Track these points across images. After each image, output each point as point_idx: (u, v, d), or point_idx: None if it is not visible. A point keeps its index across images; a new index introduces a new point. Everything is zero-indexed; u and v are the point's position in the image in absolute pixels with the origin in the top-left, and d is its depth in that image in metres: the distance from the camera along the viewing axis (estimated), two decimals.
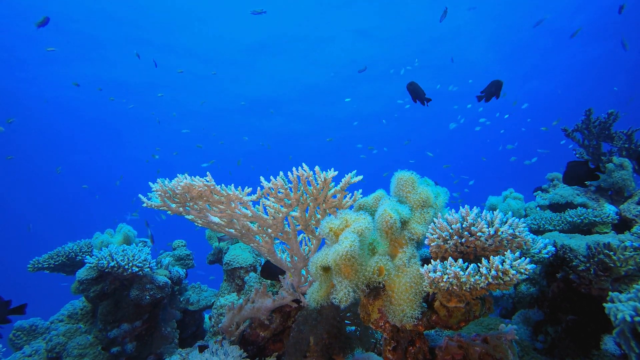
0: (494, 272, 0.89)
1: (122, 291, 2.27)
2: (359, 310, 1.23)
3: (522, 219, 1.15)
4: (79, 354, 2.14)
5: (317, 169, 1.36)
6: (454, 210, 1.08)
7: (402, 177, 1.23)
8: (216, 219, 1.50)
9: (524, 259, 0.90)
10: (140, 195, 1.44)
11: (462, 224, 1.03)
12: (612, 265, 1.34)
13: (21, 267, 2.85)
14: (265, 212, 1.52)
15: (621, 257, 1.33)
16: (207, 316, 2.95)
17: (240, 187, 1.44)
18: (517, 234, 0.99)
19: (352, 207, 1.42)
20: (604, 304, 1.07)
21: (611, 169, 2.49)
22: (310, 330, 1.60)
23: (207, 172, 1.40)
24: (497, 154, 21.60)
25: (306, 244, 1.69)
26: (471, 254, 1.05)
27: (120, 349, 2.17)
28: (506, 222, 1.01)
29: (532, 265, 0.90)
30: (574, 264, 1.48)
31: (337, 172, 1.36)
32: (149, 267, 2.16)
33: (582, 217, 2.18)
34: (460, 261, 0.96)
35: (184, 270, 2.77)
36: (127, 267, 2.08)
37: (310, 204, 1.45)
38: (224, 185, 1.42)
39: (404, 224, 1.14)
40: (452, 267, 0.93)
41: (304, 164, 1.35)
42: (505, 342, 1.14)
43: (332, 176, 1.36)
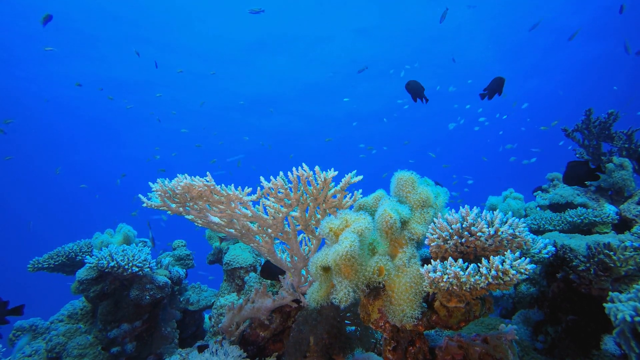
0: (494, 272, 0.89)
1: (122, 291, 2.27)
2: (359, 310, 1.23)
3: (522, 219, 1.14)
4: (79, 354, 2.14)
5: (317, 169, 1.36)
6: (454, 210, 1.08)
7: (402, 177, 1.23)
8: (216, 219, 1.50)
9: (524, 259, 0.90)
10: (140, 195, 1.44)
11: (462, 224, 1.03)
12: (612, 265, 1.34)
13: (21, 267, 2.85)
14: (265, 212, 1.52)
15: (621, 257, 1.33)
16: (207, 316, 2.95)
17: (240, 187, 1.44)
18: (517, 234, 0.99)
19: (352, 207, 1.42)
20: (604, 304, 1.06)
21: (611, 169, 2.49)
22: (310, 330, 1.60)
23: (207, 172, 1.39)
24: (497, 154, 21.60)
25: (306, 244, 1.69)
26: (471, 254, 1.05)
27: (120, 349, 2.17)
28: (506, 222, 1.01)
29: (532, 265, 0.90)
30: (574, 264, 1.48)
31: (337, 172, 1.36)
32: (149, 267, 2.16)
33: (582, 217, 2.18)
34: (460, 261, 0.96)
35: (184, 270, 2.77)
36: (127, 267, 2.08)
37: (310, 204, 1.45)
38: (224, 185, 1.42)
39: (404, 224, 1.14)
40: (452, 267, 0.93)
41: (304, 164, 1.34)
42: (505, 342, 1.14)
43: (332, 176, 1.36)
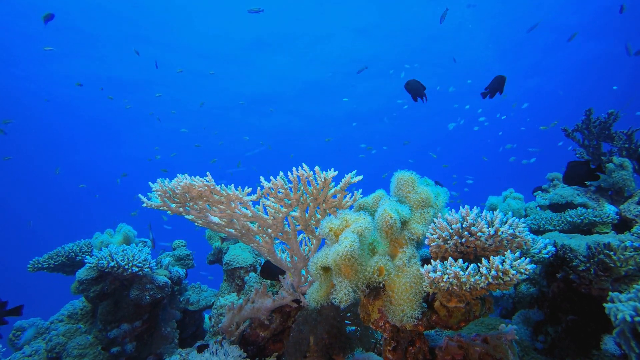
0: (494, 272, 0.89)
1: (122, 291, 2.27)
2: (359, 310, 1.23)
3: (522, 219, 1.14)
4: (78, 354, 2.14)
5: (317, 169, 1.36)
6: (454, 210, 1.08)
7: (402, 177, 1.22)
8: (216, 219, 1.50)
9: (524, 259, 0.90)
10: (140, 195, 1.44)
11: (462, 224, 1.03)
12: (612, 265, 1.34)
13: (21, 267, 2.85)
14: (265, 212, 1.52)
15: (621, 257, 1.33)
16: (207, 316, 2.95)
17: (240, 187, 1.44)
18: (517, 234, 0.99)
19: (352, 207, 1.42)
20: (604, 304, 1.06)
21: (611, 169, 2.49)
22: (310, 330, 1.60)
23: (207, 172, 1.39)
24: (497, 154, 21.60)
25: (306, 244, 1.69)
26: (471, 254, 1.05)
27: (120, 349, 2.17)
28: (506, 222, 1.01)
29: (532, 265, 0.90)
30: (574, 264, 1.48)
31: (337, 172, 1.36)
32: (148, 267, 2.16)
33: (582, 217, 2.18)
34: (460, 261, 0.96)
35: (184, 270, 2.77)
36: (127, 267, 2.08)
37: (310, 204, 1.45)
38: (223, 185, 1.42)
39: (404, 224, 1.14)
40: (452, 267, 0.93)
41: (304, 164, 1.34)
42: (505, 342, 1.14)
43: (332, 176, 1.36)
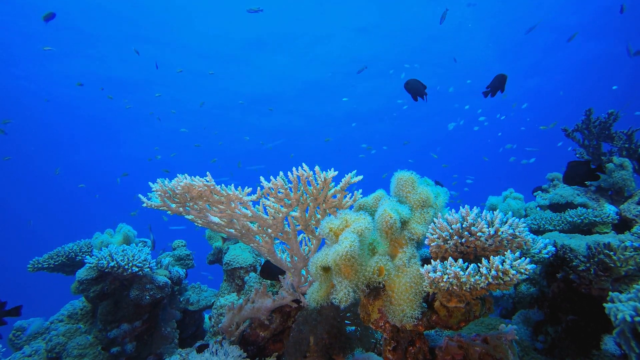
0: (494, 272, 0.89)
1: (122, 291, 2.27)
2: (359, 310, 1.23)
3: (522, 219, 1.14)
4: (78, 354, 2.14)
5: (317, 169, 1.36)
6: (454, 210, 1.08)
7: (402, 177, 1.22)
8: (216, 219, 1.50)
9: (524, 259, 0.90)
10: (140, 195, 1.44)
11: (462, 224, 1.03)
12: (612, 265, 1.34)
13: (21, 267, 2.85)
14: (265, 212, 1.52)
15: (621, 257, 1.33)
16: (207, 316, 2.95)
17: (240, 187, 1.44)
18: (517, 234, 0.99)
19: (352, 207, 1.42)
20: (604, 304, 1.06)
21: (611, 169, 2.49)
22: (310, 330, 1.60)
23: (207, 172, 1.39)
24: (497, 154, 21.60)
25: (306, 244, 1.69)
26: (471, 254, 1.05)
27: (120, 349, 2.17)
28: (506, 222, 1.01)
29: (532, 265, 0.90)
30: (574, 264, 1.48)
31: (337, 172, 1.36)
32: (148, 267, 2.16)
33: (582, 217, 2.18)
34: (460, 261, 0.96)
35: (184, 270, 2.77)
36: (127, 267, 2.08)
37: (310, 204, 1.45)
38: (224, 185, 1.42)
39: (404, 224, 1.14)
40: (452, 267, 0.93)
41: (304, 164, 1.34)
42: (505, 342, 1.14)
43: (332, 176, 1.36)
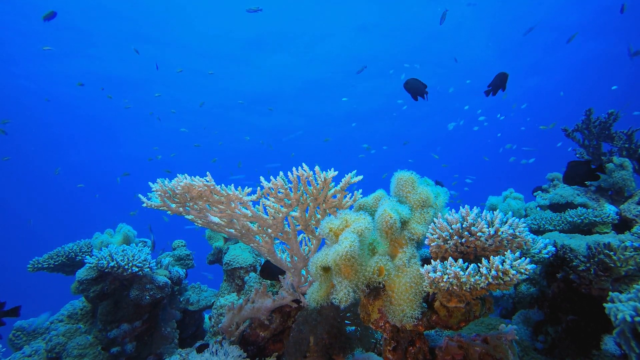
0: (494, 272, 0.89)
1: (122, 291, 2.26)
2: (359, 310, 1.23)
3: (522, 219, 1.14)
4: (78, 354, 2.14)
5: (317, 169, 1.36)
6: (454, 210, 1.08)
7: (401, 177, 1.22)
8: (216, 219, 1.50)
9: (524, 259, 0.90)
10: (140, 195, 1.43)
11: (462, 224, 1.03)
12: (612, 265, 1.34)
13: (21, 267, 2.85)
14: (265, 212, 1.52)
15: (621, 257, 1.33)
16: (207, 316, 2.95)
17: (240, 187, 1.44)
18: (517, 234, 0.99)
19: (352, 207, 1.42)
20: (604, 304, 1.06)
21: (611, 169, 2.49)
22: (310, 330, 1.60)
23: (207, 172, 1.39)
24: (496, 154, 21.60)
25: (306, 244, 1.69)
26: (471, 254, 1.05)
27: (120, 349, 2.17)
28: (506, 222, 1.01)
29: (532, 265, 0.90)
30: (574, 264, 1.48)
31: (337, 172, 1.36)
32: (148, 267, 2.16)
33: (582, 217, 2.18)
34: (460, 261, 0.95)
35: (184, 270, 2.77)
36: (127, 267, 2.08)
37: (310, 204, 1.45)
38: (223, 185, 1.42)
39: (404, 224, 1.14)
40: (452, 267, 0.93)
41: (303, 164, 1.34)
42: (505, 342, 1.14)
43: (332, 176, 1.36)
